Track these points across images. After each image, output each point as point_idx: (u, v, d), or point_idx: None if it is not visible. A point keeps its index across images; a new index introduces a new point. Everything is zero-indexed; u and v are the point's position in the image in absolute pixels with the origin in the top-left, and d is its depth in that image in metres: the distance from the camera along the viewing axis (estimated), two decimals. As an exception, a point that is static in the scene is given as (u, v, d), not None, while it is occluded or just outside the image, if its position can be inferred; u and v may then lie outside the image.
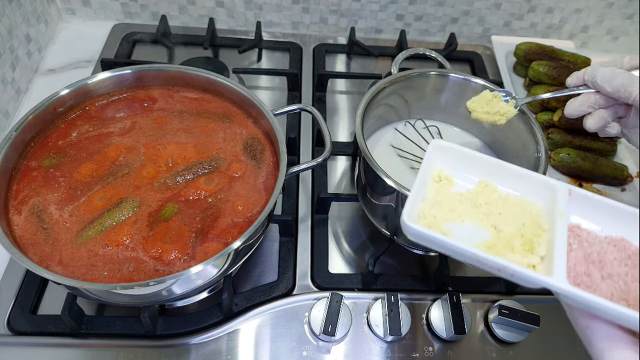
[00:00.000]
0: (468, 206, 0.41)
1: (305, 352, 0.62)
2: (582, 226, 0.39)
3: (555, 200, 0.39)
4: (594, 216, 0.39)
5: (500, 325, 0.65)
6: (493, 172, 0.42)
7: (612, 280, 0.36)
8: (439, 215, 0.40)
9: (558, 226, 0.38)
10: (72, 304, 0.59)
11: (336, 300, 0.62)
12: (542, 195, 0.41)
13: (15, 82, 0.86)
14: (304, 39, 1.05)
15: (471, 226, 0.40)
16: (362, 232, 0.76)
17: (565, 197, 0.39)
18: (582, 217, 0.40)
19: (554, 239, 0.37)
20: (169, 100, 0.72)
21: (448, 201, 0.41)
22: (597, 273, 0.36)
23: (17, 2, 0.86)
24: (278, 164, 0.62)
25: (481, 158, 0.43)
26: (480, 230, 0.40)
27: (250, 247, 0.60)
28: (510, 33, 1.09)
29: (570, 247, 0.37)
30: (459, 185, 0.43)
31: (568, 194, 0.39)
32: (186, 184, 0.62)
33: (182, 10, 1.03)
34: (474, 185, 0.43)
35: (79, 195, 0.60)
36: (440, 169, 0.43)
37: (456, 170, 0.44)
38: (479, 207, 0.41)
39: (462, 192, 0.42)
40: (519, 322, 0.63)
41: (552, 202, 0.40)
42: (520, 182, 0.42)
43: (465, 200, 0.42)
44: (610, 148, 0.86)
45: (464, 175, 0.43)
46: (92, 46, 0.98)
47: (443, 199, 0.42)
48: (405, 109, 0.76)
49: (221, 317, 0.63)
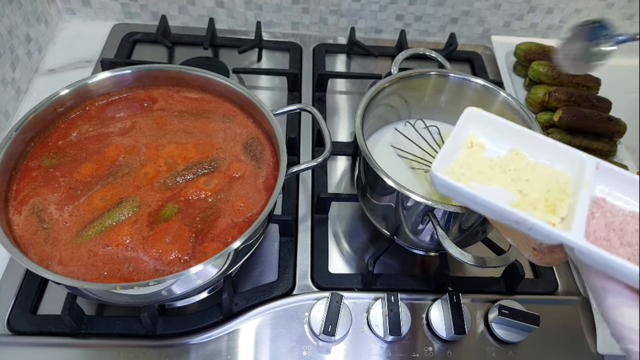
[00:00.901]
0: (497, 171, 0.43)
1: (305, 352, 0.62)
2: (607, 199, 0.40)
3: (582, 172, 0.40)
4: (620, 190, 0.40)
5: (500, 325, 0.65)
6: (525, 141, 0.44)
7: (632, 248, 0.36)
8: (467, 174, 0.42)
9: (582, 194, 0.39)
10: (72, 304, 0.59)
11: (336, 300, 0.62)
12: (570, 167, 0.42)
13: (15, 82, 0.86)
14: (304, 39, 1.05)
15: (498, 189, 0.41)
16: (362, 232, 0.76)
17: (593, 169, 0.40)
18: (608, 190, 0.41)
19: (576, 203, 0.38)
20: (169, 100, 0.72)
21: (478, 164, 0.43)
22: (617, 240, 0.37)
23: (17, 2, 0.86)
24: (278, 164, 0.62)
25: (514, 127, 0.44)
26: (507, 193, 0.41)
27: (250, 247, 0.60)
28: (510, 33, 1.09)
29: (592, 216, 0.38)
30: (490, 151, 0.44)
31: (595, 167, 0.40)
32: (186, 184, 0.62)
33: (182, 10, 1.03)
34: (505, 152, 0.44)
35: (79, 195, 0.60)
36: (474, 135, 0.45)
37: (488, 137, 0.45)
38: (508, 173, 0.43)
39: (492, 158, 0.44)
40: (519, 322, 0.63)
41: (580, 173, 0.41)
42: (550, 153, 0.43)
43: (495, 165, 0.43)
44: (610, 148, 0.86)
45: (495, 142, 0.44)
46: (92, 46, 0.98)
47: (473, 161, 0.43)
48: (405, 109, 0.76)
49: (221, 317, 0.63)
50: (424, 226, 0.61)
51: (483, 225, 0.62)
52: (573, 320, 0.68)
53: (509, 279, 0.70)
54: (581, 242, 0.35)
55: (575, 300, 0.70)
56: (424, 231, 0.62)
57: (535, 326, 0.63)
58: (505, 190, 0.41)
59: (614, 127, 0.85)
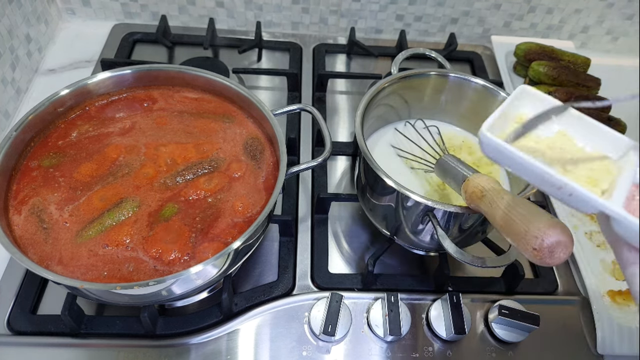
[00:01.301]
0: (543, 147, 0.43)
1: (305, 352, 0.62)
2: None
3: (628, 157, 0.41)
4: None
5: (500, 325, 0.65)
6: (574, 124, 0.44)
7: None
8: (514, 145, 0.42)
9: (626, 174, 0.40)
10: (72, 304, 0.59)
11: (336, 300, 0.62)
12: (616, 151, 0.43)
13: (15, 82, 0.86)
14: (304, 39, 1.05)
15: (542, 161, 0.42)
16: (362, 232, 0.76)
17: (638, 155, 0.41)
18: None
19: (618, 181, 0.39)
20: (169, 100, 0.72)
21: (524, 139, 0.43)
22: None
23: (17, 2, 0.86)
24: (278, 164, 0.62)
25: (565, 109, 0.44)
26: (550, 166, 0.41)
27: (250, 247, 0.60)
28: (510, 33, 1.09)
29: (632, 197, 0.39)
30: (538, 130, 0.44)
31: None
32: (186, 184, 0.62)
33: (182, 10, 1.03)
34: (553, 133, 0.45)
35: (79, 195, 0.60)
36: (523, 113, 0.45)
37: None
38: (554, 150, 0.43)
39: (539, 135, 0.44)
40: (519, 322, 0.63)
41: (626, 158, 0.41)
42: (598, 137, 0.44)
43: (542, 142, 0.44)
44: (610, 148, 0.86)
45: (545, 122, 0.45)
46: (92, 46, 0.98)
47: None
48: (405, 109, 0.76)
49: (221, 317, 0.63)
50: (424, 226, 0.61)
51: (483, 225, 0.62)
52: (573, 320, 0.68)
53: (509, 279, 0.70)
54: (620, 210, 0.36)
55: (575, 300, 0.70)
56: (424, 231, 0.62)
57: (535, 326, 0.63)
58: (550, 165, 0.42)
59: (614, 127, 0.85)
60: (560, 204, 0.79)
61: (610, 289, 0.71)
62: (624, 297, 0.71)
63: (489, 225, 0.63)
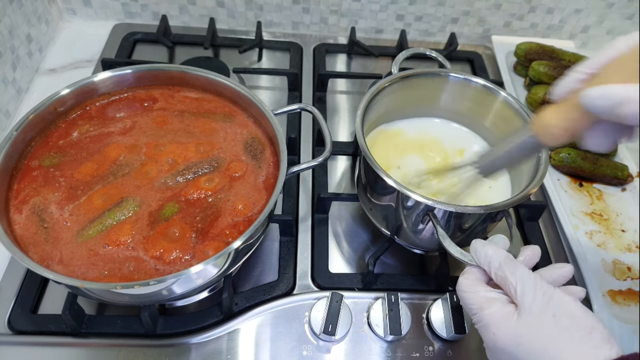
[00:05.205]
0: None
1: (306, 352, 0.62)
2: None
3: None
4: None
5: (501, 325, 0.65)
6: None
7: None
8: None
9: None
10: (72, 303, 0.59)
11: (336, 299, 0.62)
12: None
13: (16, 81, 0.86)
14: (304, 39, 1.05)
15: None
16: (362, 232, 0.76)
17: None
18: None
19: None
20: (169, 100, 0.72)
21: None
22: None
23: (18, 2, 0.86)
24: (278, 163, 0.62)
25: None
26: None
27: (251, 246, 0.60)
28: (510, 33, 1.09)
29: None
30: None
31: None
32: (187, 183, 0.62)
33: (183, 10, 1.03)
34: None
35: (80, 194, 0.60)
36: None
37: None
38: None
39: None
40: (519, 322, 0.63)
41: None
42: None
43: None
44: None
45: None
46: (92, 46, 0.98)
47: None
48: (405, 108, 0.76)
49: (221, 317, 0.63)
50: (424, 226, 0.61)
51: (483, 225, 0.62)
52: (573, 320, 0.68)
53: (509, 278, 0.70)
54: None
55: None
56: (424, 231, 0.62)
57: (536, 326, 0.63)
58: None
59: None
60: (560, 204, 0.79)
61: (611, 289, 0.71)
62: (625, 297, 0.71)
63: (489, 225, 0.63)
